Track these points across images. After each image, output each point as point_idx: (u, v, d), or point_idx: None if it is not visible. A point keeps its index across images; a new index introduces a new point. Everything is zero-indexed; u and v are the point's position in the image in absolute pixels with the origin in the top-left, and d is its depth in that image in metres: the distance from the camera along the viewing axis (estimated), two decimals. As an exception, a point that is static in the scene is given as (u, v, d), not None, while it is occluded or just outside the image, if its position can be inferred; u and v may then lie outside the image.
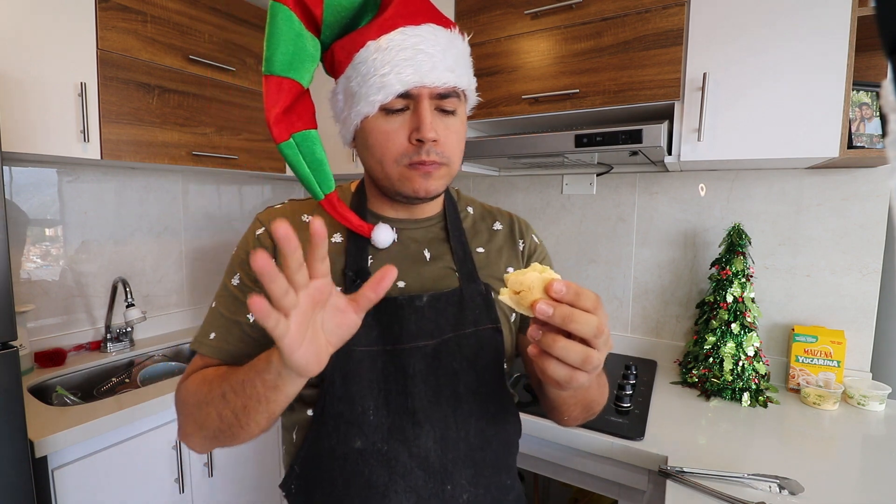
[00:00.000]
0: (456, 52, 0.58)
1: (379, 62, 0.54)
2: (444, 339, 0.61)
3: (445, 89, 0.57)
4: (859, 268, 1.24)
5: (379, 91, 0.55)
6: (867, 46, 1.08)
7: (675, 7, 1.13)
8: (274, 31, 0.55)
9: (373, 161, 0.60)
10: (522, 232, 0.75)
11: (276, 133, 0.57)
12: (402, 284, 0.63)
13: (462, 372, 0.61)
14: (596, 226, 1.62)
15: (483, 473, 0.62)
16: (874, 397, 1.15)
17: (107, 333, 1.59)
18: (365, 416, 0.58)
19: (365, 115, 0.57)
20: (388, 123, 0.57)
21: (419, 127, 0.56)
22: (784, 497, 0.80)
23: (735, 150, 1.10)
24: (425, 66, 0.55)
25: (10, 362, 0.92)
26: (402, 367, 0.59)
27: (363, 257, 0.63)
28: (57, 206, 1.52)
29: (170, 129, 1.49)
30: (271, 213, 0.67)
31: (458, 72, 0.58)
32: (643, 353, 1.55)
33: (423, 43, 0.55)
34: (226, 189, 2.05)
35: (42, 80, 1.19)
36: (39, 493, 1.01)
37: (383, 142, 0.58)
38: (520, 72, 1.35)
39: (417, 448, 0.58)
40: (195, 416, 0.55)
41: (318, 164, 0.60)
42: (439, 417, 0.59)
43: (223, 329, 0.61)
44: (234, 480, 1.46)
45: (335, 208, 0.62)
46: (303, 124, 0.59)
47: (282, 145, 0.57)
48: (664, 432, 1.04)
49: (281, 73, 0.56)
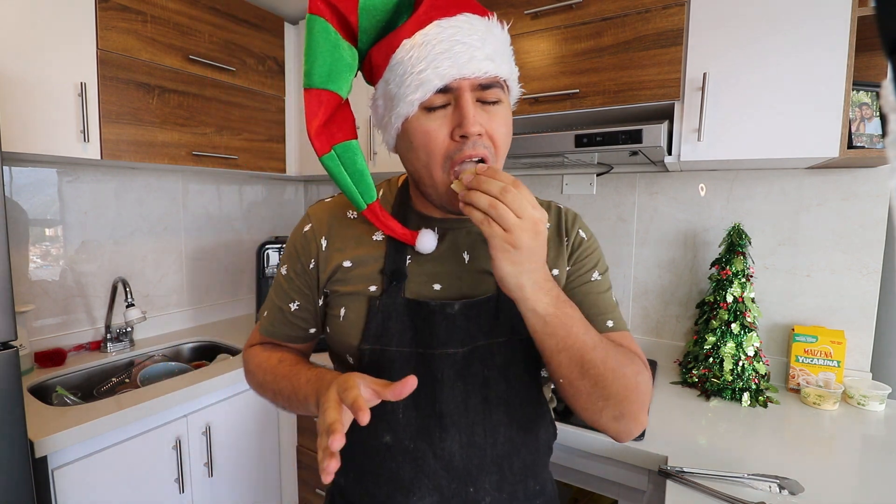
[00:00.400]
0: (494, 40, 0.55)
1: (415, 59, 0.53)
2: (474, 347, 0.60)
3: (487, 79, 0.54)
4: (859, 268, 1.24)
5: (417, 89, 0.53)
6: (867, 46, 1.08)
7: (675, 7, 1.13)
8: (311, 43, 0.55)
9: (419, 165, 0.58)
10: (568, 227, 0.69)
11: (318, 146, 0.57)
12: (437, 287, 0.63)
13: (493, 380, 0.61)
14: (596, 226, 1.62)
15: (508, 479, 0.62)
16: (874, 397, 1.15)
17: (107, 333, 1.59)
18: (394, 415, 0.60)
19: (405, 116, 0.55)
20: (429, 122, 0.55)
21: (462, 122, 0.53)
22: (784, 497, 0.80)
23: (735, 150, 1.10)
24: (463, 56, 0.52)
25: (10, 362, 0.92)
26: (432, 371, 0.59)
27: (402, 257, 0.63)
28: (57, 206, 1.52)
29: (170, 129, 1.49)
30: (320, 206, 0.70)
31: (497, 61, 0.55)
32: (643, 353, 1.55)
33: (459, 34, 0.53)
34: (226, 189, 2.05)
35: (42, 80, 1.19)
36: (39, 493, 1.01)
37: (426, 142, 0.55)
38: (520, 72, 1.34)
39: (442, 450, 0.59)
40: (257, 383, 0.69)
41: (359, 175, 0.60)
42: (466, 424, 0.60)
43: (272, 311, 0.71)
44: (234, 480, 1.46)
45: (378, 218, 0.62)
46: (343, 135, 0.58)
47: (324, 158, 0.58)
48: (664, 432, 1.04)
49: (320, 85, 0.55)
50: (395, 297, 0.61)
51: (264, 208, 2.24)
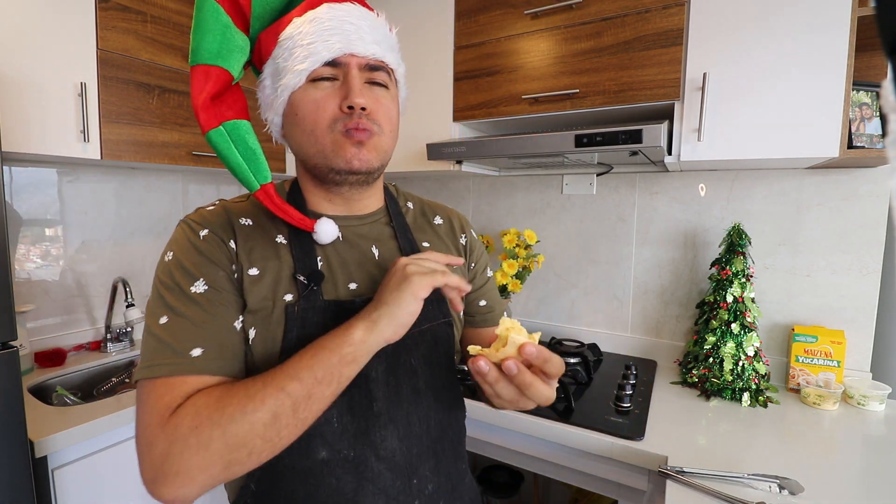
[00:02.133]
0: (383, 32, 0.59)
1: (305, 33, 0.54)
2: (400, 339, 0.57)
3: (375, 61, 0.57)
4: (859, 268, 1.24)
5: (305, 60, 0.54)
6: (867, 46, 1.08)
7: (675, 7, 1.13)
8: (200, 22, 0.54)
9: (304, 136, 0.57)
10: (463, 226, 0.76)
11: (204, 119, 0.53)
12: (353, 286, 0.61)
13: (420, 368, 0.62)
14: (596, 226, 1.62)
15: (442, 462, 0.63)
16: (874, 397, 1.15)
17: (107, 333, 1.59)
18: (329, 426, 0.55)
19: (293, 87, 0.56)
20: (317, 92, 0.55)
21: (348, 94, 0.54)
22: (784, 497, 0.80)
23: (735, 150, 1.10)
24: (353, 35, 0.55)
25: (10, 362, 0.92)
26: (364, 370, 0.53)
27: (312, 258, 0.59)
28: (57, 206, 1.52)
29: (170, 129, 1.49)
30: (205, 214, 0.59)
31: (384, 47, 0.58)
32: (643, 353, 1.55)
33: (349, 16, 0.56)
34: (226, 189, 2.05)
35: (42, 80, 1.19)
36: (39, 493, 1.01)
37: (313, 110, 0.56)
38: (520, 72, 1.35)
39: (385, 450, 0.57)
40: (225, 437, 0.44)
41: (251, 153, 0.56)
42: (401, 416, 0.59)
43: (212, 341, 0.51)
44: (234, 480, 1.46)
45: (272, 200, 0.57)
46: (234, 114, 0.55)
47: (210, 133, 0.53)
48: (664, 432, 1.04)
49: (208, 61, 0.54)
50: (314, 301, 0.56)
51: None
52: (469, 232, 0.76)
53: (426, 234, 0.71)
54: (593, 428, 1.05)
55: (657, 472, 0.91)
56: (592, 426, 1.05)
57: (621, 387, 1.22)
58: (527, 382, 0.47)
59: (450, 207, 0.78)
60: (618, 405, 1.15)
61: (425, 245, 0.69)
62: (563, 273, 1.69)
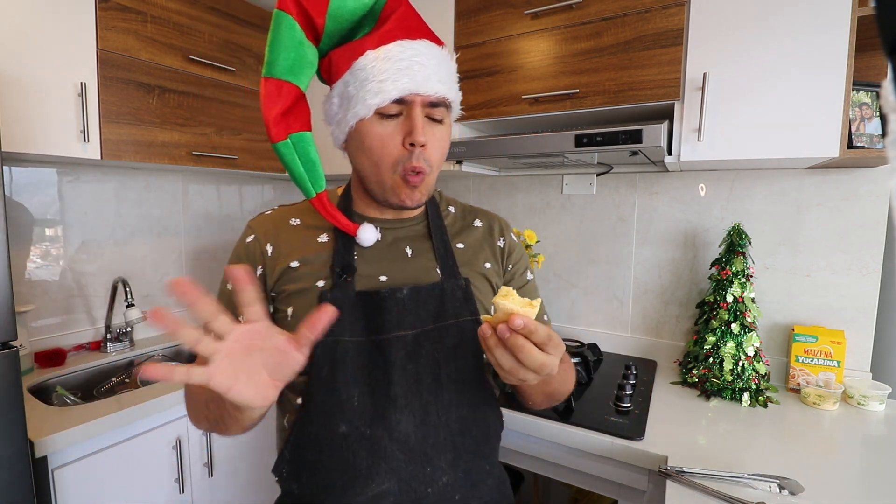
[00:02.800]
0: (447, 67, 0.64)
1: (378, 70, 0.59)
2: (424, 330, 0.64)
3: (437, 98, 0.61)
4: (859, 268, 1.24)
5: (376, 95, 0.59)
6: (867, 46, 1.08)
7: (675, 7, 1.13)
8: (277, 37, 0.59)
9: (368, 164, 0.63)
10: (502, 230, 0.79)
11: (275, 133, 0.60)
12: (384, 279, 0.67)
13: (443, 361, 0.65)
14: (596, 226, 1.62)
15: (462, 458, 0.66)
16: (874, 397, 1.15)
17: (107, 333, 1.59)
18: (350, 403, 0.61)
19: (361, 117, 0.60)
20: (384, 127, 0.61)
21: (412, 131, 0.60)
22: (784, 497, 0.80)
23: (735, 150, 1.10)
24: (420, 76, 0.59)
25: (10, 362, 0.92)
26: (384, 355, 0.62)
27: (349, 255, 0.67)
28: (57, 206, 1.52)
29: (170, 129, 1.49)
30: (262, 219, 0.71)
31: (447, 84, 0.63)
32: (643, 353, 1.55)
33: (418, 56, 0.60)
34: (226, 189, 2.05)
35: (42, 80, 1.19)
36: (39, 493, 1.01)
37: (380, 146, 0.61)
38: (520, 72, 1.35)
39: (398, 433, 0.61)
40: (194, 411, 0.64)
41: (311, 165, 0.64)
42: (420, 404, 0.63)
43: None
44: (234, 480, 1.46)
45: (324, 206, 0.66)
46: (300, 126, 0.62)
47: (278, 145, 0.61)
48: (664, 432, 1.04)
49: (282, 76, 0.59)
50: (345, 289, 0.64)
51: (264, 208, 2.24)
52: (508, 235, 0.79)
53: (462, 236, 0.75)
54: (593, 428, 1.05)
55: (657, 472, 0.91)
56: (592, 426, 1.05)
57: (621, 387, 1.22)
58: (518, 345, 0.48)
59: (493, 213, 0.82)
60: (618, 405, 1.15)
61: (459, 246, 0.73)
62: (563, 273, 1.69)
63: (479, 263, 0.73)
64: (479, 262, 0.73)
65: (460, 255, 0.72)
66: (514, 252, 0.79)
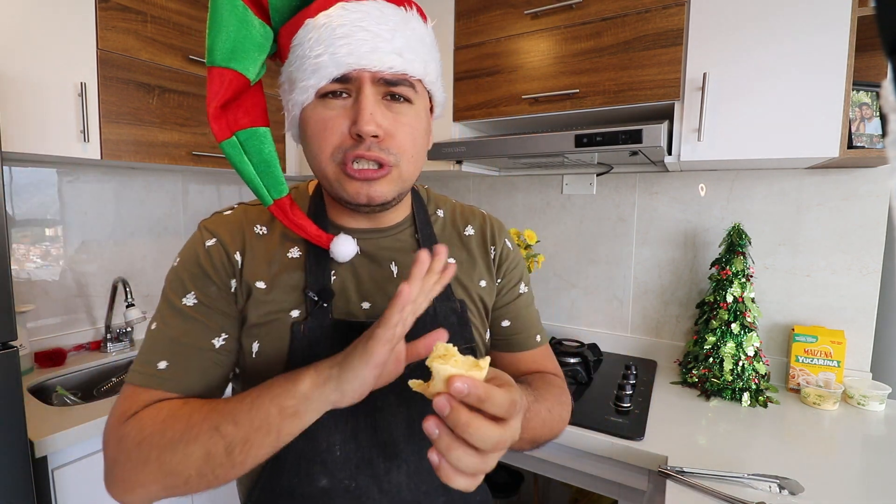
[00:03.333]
0: (410, 33, 0.50)
1: (314, 41, 0.48)
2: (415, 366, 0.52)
3: (392, 75, 0.49)
4: (859, 268, 1.24)
5: (312, 74, 0.48)
6: (867, 46, 1.08)
7: (675, 7, 1.13)
8: (215, 16, 0.48)
9: (310, 156, 0.53)
10: (494, 236, 0.67)
11: (216, 129, 0.50)
12: (366, 306, 0.57)
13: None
14: (596, 226, 1.62)
15: (454, 499, 0.60)
16: (874, 397, 1.15)
17: (107, 333, 1.59)
18: (330, 453, 0.53)
19: (301, 103, 0.51)
20: (327, 110, 0.50)
21: (357, 118, 0.48)
22: (784, 497, 0.80)
23: (735, 150, 1.10)
24: (365, 45, 0.47)
25: (10, 362, 0.92)
26: (371, 398, 0.49)
27: (325, 274, 0.56)
28: (57, 206, 1.52)
29: (170, 129, 1.49)
30: (220, 220, 0.58)
31: (408, 56, 0.49)
32: (643, 353, 1.55)
33: (365, 19, 0.47)
34: (226, 189, 2.05)
35: (42, 80, 1.19)
36: (39, 493, 1.01)
37: (320, 131, 0.50)
38: (520, 72, 1.35)
39: (388, 483, 0.54)
40: (162, 461, 0.44)
41: (265, 166, 0.52)
42: (413, 451, 0.55)
43: (179, 357, 0.51)
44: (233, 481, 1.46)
45: (287, 216, 0.54)
46: (249, 120, 0.51)
47: (222, 144, 0.50)
48: (664, 432, 1.04)
49: (222, 63, 0.49)
50: (322, 319, 0.54)
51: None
52: (501, 242, 0.68)
53: (454, 247, 0.64)
54: (593, 428, 1.05)
55: (657, 472, 0.91)
56: (592, 426, 1.05)
57: (621, 387, 1.22)
58: (462, 422, 0.35)
59: (486, 214, 0.70)
60: (618, 405, 1.15)
61: (450, 261, 0.60)
62: (563, 273, 1.69)
63: (475, 282, 0.63)
64: (473, 281, 0.63)
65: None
66: (506, 261, 0.67)
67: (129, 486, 0.46)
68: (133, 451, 0.46)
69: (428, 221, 0.64)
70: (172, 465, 0.44)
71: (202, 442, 0.44)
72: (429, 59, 0.53)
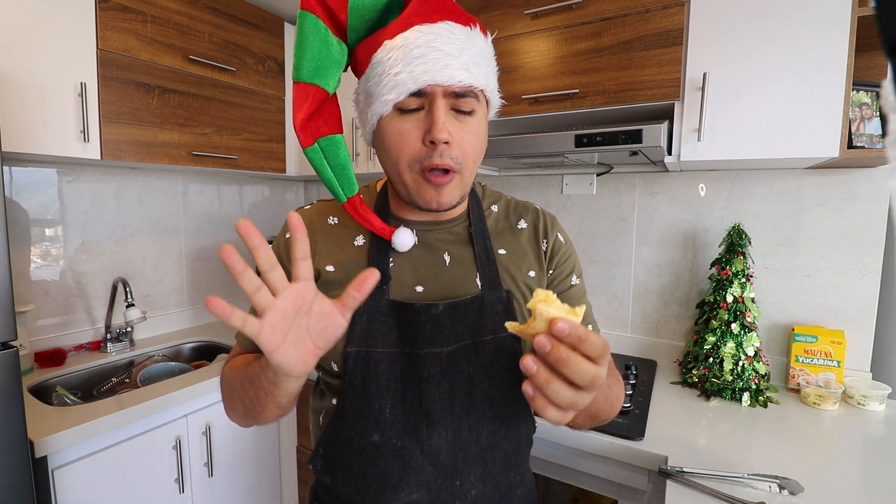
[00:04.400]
0: (474, 50, 0.56)
1: (393, 61, 0.54)
2: (460, 346, 0.61)
3: (461, 88, 0.55)
4: (859, 268, 1.24)
5: (392, 90, 0.55)
6: (867, 46, 1.08)
7: (675, 7, 1.13)
8: (301, 38, 0.56)
9: (389, 163, 0.60)
10: (547, 230, 0.71)
11: (302, 138, 0.58)
12: (420, 289, 0.64)
13: (477, 378, 0.62)
14: (596, 226, 1.62)
15: (492, 471, 0.64)
16: (874, 397, 1.15)
17: (107, 333, 1.59)
18: (382, 414, 0.60)
19: (380, 114, 0.57)
20: (403, 123, 0.57)
21: (431, 127, 0.55)
22: (784, 497, 0.80)
23: (735, 151, 1.10)
24: (438, 63, 0.53)
25: (10, 362, 0.92)
26: (418, 370, 0.60)
27: (384, 260, 0.64)
28: (57, 206, 1.52)
29: (170, 129, 1.49)
30: (301, 213, 0.68)
31: (473, 71, 0.56)
32: (643, 353, 1.55)
33: (437, 41, 0.54)
34: (226, 189, 2.05)
35: (42, 80, 1.19)
36: (39, 493, 1.01)
37: (397, 143, 0.57)
38: (520, 72, 1.35)
39: (430, 446, 0.60)
40: (229, 398, 0.62)
41: (341, 168, 0.61)
42: (452, 419, 0.61)
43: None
44: (234, 480, 1.46)
45: (357, 211, 0.63)
46: (328, 129, 0.60)
47: (307, 150, 0.59)
48: (664, 432, 1.04)
49: (307, 79, 0.57)
50: (379, 299, 0.61)
51: (264, 208, 2.24)
52: (553, 236, 0.71)
53: (505, 240, 0.69)
54: (593, 428, 1.05)
55: (657, 472, 0.91)
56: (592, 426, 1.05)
57: (621, 387, 1.22)
58: (562, 357, 0.39)
59: (540, 209, 0.74)
60: (618, 405, 1.15)
61: (501, 252, 0.68)
62: (563, 273, 1.69)
63: (523, 273, 0.68)
64: (522, 271, 0.68)
65: (503, 263, 0.67)
66: (557, 254, 0.71)
67: (229, 408, 0.63)
68: (223, 388, 0.64)
69: (482, 216, 0.69)
70: (231, 402, 0.61)
71: (237, 392, 0.59)
72: (489, 70, 0.60)
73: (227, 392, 0.62)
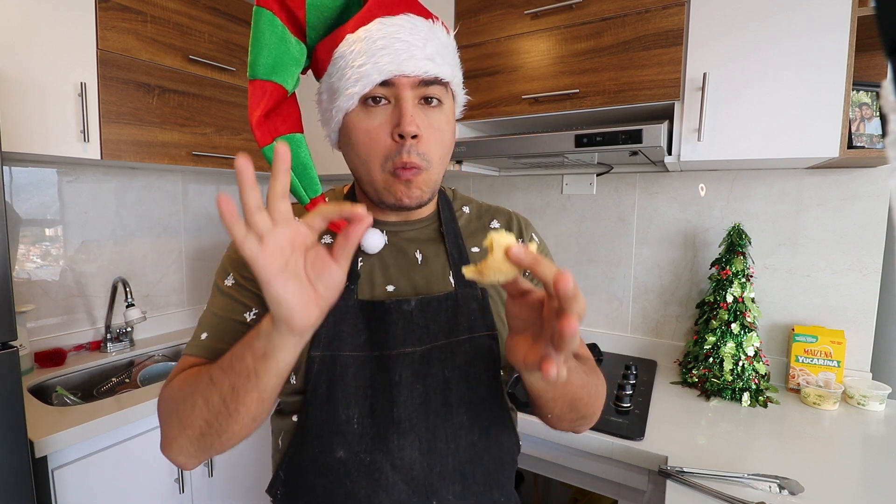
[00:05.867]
0: (437, 42, 0.56)
1: (356, 53, 0.53)
2: (434, 346, 0.58)
3: (427, 77, 0.54)
4: (859, 268, 1.24)
5: (357, 83, 0.53)
6: (867, 46, 1.08)
7: (675, 7, 1.13)
8: (257, 34, 0.54)
9: (358, 162, 0.58)
10: (521, 230, 0.71)
11: (259, 137, 0.55)
12: (391, 288, 0.61)
13: (454, 381, 0.58)
14: (596, 226, 1.62)
15: (472, 490, 0.59)
16: (874, 397, 1.15)
17: (107, 333, 1.59)
18: (349, 425, 0.56)
19: (345, 110, 0.55)
20: (370, 119, 0.55)
21: (400, 121, 0.53)
22: (784, 497, 0.80)
23: (735, 150, 1.10)
24: (403, 53, 0.52)
25: (10, 362, 0.92)
26: (388, 373, 0.56)
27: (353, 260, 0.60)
28: (57, 206, 1.52)
29: (170, 129, 1.49)
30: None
31: (438, 61, 0.55)
32: (643, 353, 1.55)
33: (400, 32, 0.53)
34: (226, 189, 2.05)
35: (42, 80, 1.19)
36: (39, 493, 1.01)
37: (366, 141, 0.55)
38: (520, 72, 1.35)
39: (401, 460, 0.56)
40: (179, 413, 0.50)
41: (302, 168, 0.58)
42: (426, 428, 0.57)
43: (216, 329, 0.58)
44: (233, 481, 1.46)
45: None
46: (287, 128, 0.57)
47: (265, 149, 0.55)
48: (664, 432, 1.04)
49: (264, 76, 0.55)
50: (346, 299, 0.58)
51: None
52: (528, 235, 0.71)
53: (478, 239, 0.68)
54: (593, 428, 1.05)
55: (657, 472, 0.91)
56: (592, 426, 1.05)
57: (621, 387, 1.22)
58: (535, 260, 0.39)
59: (513, 212, 0.73)
60: (618, 405, 1.15)
61: (474, 250, 0.66)
62: (563, 273, 1.69)
63: None
64: None
65: (476, 260, 0.65)
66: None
67: (167, 443, 0.52)
68: (163, 408, 0.53)
69: (453, 217, 0.68)
70: (185, 416, 0.49)
71: (201, 391, 0.48)
72: (454, 64, 0.59)
73: (178, 404, 0.50)
